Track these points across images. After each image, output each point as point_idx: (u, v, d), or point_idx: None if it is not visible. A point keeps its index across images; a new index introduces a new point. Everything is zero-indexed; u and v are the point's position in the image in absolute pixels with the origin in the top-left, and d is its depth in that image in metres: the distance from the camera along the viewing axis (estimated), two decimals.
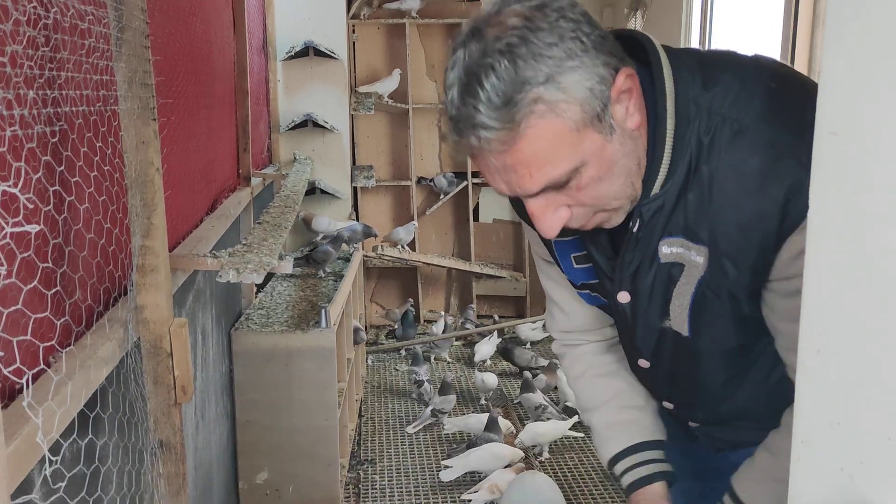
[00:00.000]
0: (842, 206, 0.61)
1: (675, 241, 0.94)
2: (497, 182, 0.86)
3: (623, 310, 1.04)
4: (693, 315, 0.98)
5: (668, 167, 0.90)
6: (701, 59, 0.94)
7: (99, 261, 1.11)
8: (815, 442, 0.64)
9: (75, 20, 0.94)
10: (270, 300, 2.99)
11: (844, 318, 0.61)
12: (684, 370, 1.08)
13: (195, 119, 2.02)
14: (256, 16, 3.56)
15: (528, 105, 0.78)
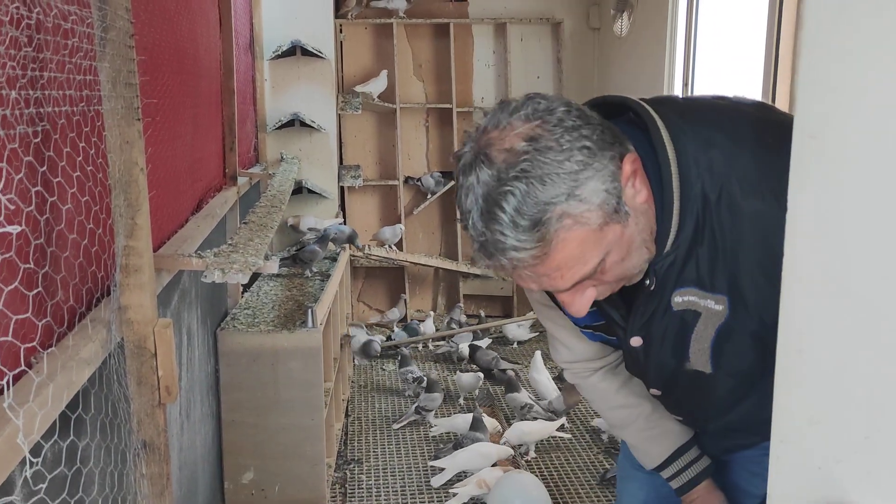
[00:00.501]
0: (820, 208, 0.61)
1: (687, 291, 0.97)
2: (528, 283, 0.91)
3: (635, 353, 1.08)
4: (714, 354, 1.01)
5: (678, 225, 0.94)
6: (689, 117, 0.96)
7: (82, 261, 1.10)
8: (794, 441, 0.65)
9: (58, 20, 0.94)
10: (257, 300, 2.98)
11: (823, 319, 0.61)
12: (697, 397, 1.13)
13: (181, 118, 2.01)
14: (243, 14, 3.55)
15: (556, 222, 0.83)
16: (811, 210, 0.62)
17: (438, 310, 4.89)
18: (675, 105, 1.00)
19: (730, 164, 0.91)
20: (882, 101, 0.54)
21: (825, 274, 0.61)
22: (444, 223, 4.89)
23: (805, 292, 0.64)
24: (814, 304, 0.62)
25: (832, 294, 0.60)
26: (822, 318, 0.62)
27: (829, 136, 0.60)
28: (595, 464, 3.06)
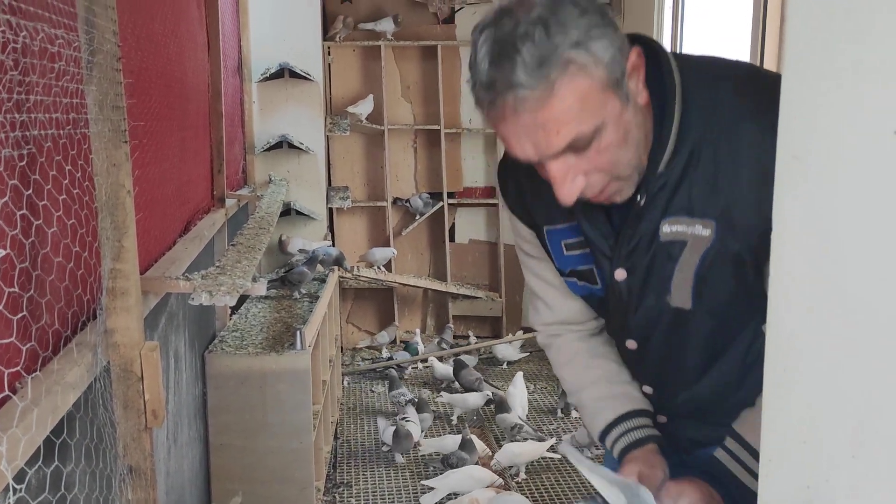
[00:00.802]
0: (805, 226, 0.62)
1: (676, 220, 0.99)
2: (523, 144, 0.91)
3: (619, 288, 1.08)
4: (696, 287, 1.02)
5: (674, 147, 0.97)
6: (696, 58, 1.04)
7: (67, 285, 1.09)
8: (782, 459, 0.65)
9: (45, 44, 0.94)
10: (245, 322, 2.97)
11: (810, 337, 0.62)
12: (670, 349, 1.12)
13: (168, 141, 2.01)
14: (231, 37, 3.56)
15: (562, 66, 0.86)
16: (797, 229, 0.63)
17: (428, 331, 4.88)
18: (683, 54, 1.07)
19: (732, 97, 0.97)
20: (865, 122, 0.55)
21: (811, 292, 0.62)
22: (433, 244, 4.89)
23: (792, 310, 0.64)
24: (800, 322, 0.63)
25: (818, 311, 0.61)
26: (809, 336, 0.62)
27: (812, 157, 0.61)
28: (585, 484, 3.05)
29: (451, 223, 4.84)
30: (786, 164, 0.64)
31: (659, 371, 1.17)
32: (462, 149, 4.82)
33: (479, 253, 4.92)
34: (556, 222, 1.10)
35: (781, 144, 0.64)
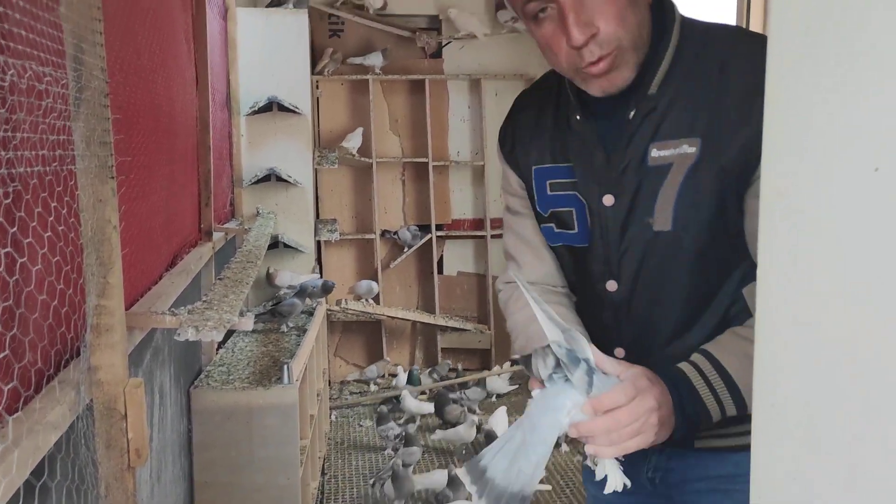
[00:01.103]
0: (791, 264, 0.62)
1: (664, 144, 1.04)
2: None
3: (605, 215, 1.10)
4: (677, 205, 1.04)
5: (667, 70, 1.04)
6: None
7: (51, 323, 1.08)
8: (772, 497, 0.65)
9: (33, 81, 0.94)
10: (231, 356, 2.94)
11: (796, 374, 0.62)
12: (650, 292, 1.11)
13: (156, 175, 2.00)
14: (220, 72, 3.58)
15: None
16: (782, 265, 0.63)
17: (416, 363, 4.85)
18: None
19: (726, 36, 1.07)
20: (847, 160, 0.56)
21: (798, 325, 0.62)
22: (421, 276, 4.89)
23: (779, 345, 0.64)
24: (786, 359, 0.63)
25: (804, 349, 0.61)
26: (795, 373, 0.62)
27: (796, 193, 0.61)
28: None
29: (439, 255, 4.85)
30: (770, 200, 0.65)
31: (636, 323, 1.14)
32: (450, 181, 4.84)
33: (468, 285, 4.92)
34: (546, 161, 1.17)
35: (765, 181, 0.65)
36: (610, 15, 0.98)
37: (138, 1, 1.85)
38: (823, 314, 0.59)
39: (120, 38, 1.60)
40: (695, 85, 1.03)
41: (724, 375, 1.02)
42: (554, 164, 1.16)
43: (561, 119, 1.16)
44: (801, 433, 0.62)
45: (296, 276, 4.00)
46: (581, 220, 1.14)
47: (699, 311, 1.09)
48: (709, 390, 1.02)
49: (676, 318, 1.10)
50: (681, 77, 1.04)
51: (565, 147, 1.15)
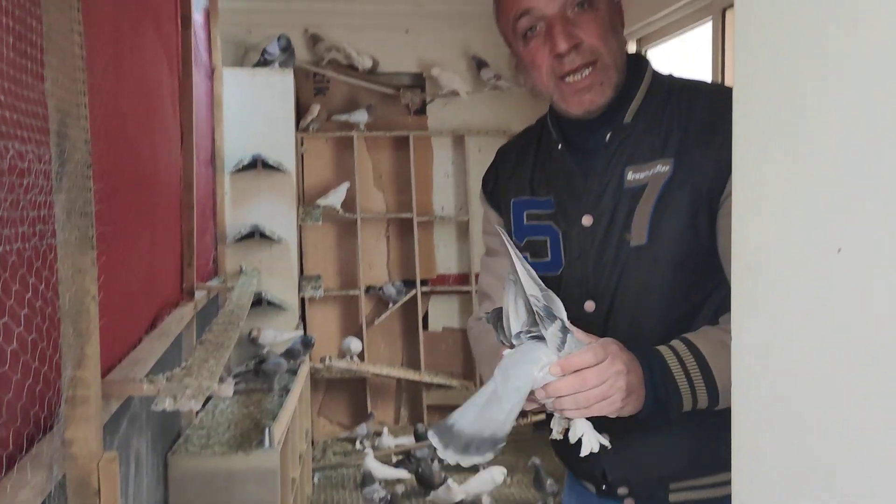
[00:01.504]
0: (762, 336, 0.63)
1: (639, 167, 1.13)
2: (536, 3, 1.10)
3: (583, 235, 1.17)
4: (653, 220, 1.11)
5: (640, 102, 1.16)
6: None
7: (25, 402, 1.05)
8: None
9: (15, 161, 0.94)
10: (211, 419, 2.88)
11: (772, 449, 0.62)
12: (628, 313, 1.13)
13: (137, 239, 1.99)
14: (205, 130, 3.61)
15: None
16: (754, 337, 0.64)
17: (401, 421, 4.78)
18: None
19: (693, 84, 1.20)
20: (811, 239, 0.57)
21: (771, 402, 0.62)
22: (406, 332, 4.85)
23: (752, 422, 0.64)
24: (761, 436, 0.63)
25: (778, 424, 0.61)
26: (771, 449, 0.62)
27: (764, 269, 0.62)
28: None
29: (424, 311, 4.83)
30: (740, 273, 0.66)
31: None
32: (434, 236, 4.86)
33: (453, 341, 4.89)
34: (525, 194, 1.25)
35: (735, 255, 0.66)
36: (593, 31, 1.11)
37: (125, 67, 1.87)
38: (795, 385, 0.59)
39: (106, 107, 1.61)
40: (665, 115, 1.15)
41: (699, 359, 1.03)
42: (532, 197, 1.25)
43: (542, 153, 1.27)
44: (781, 490, 0.61)
45: (280, 333, 3.96)
46: (554, 249, 1.20)
47: (677, 333, 1.10)
48: (682, 371, 1.02)
49: (654, 340, 1.10)
50: (653, 109, 1.16)
51: (546, 179, 1.24)
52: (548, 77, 1.14)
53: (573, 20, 1.10)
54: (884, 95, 0.49)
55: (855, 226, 0.52)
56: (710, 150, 1.08)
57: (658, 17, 3.37)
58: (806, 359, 0.58)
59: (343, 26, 4.62)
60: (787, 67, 0.59)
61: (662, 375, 1.01)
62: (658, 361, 1.02)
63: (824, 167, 0.55)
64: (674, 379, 1.01)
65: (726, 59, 2.92)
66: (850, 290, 0.53)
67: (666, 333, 1.10)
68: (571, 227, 1.18)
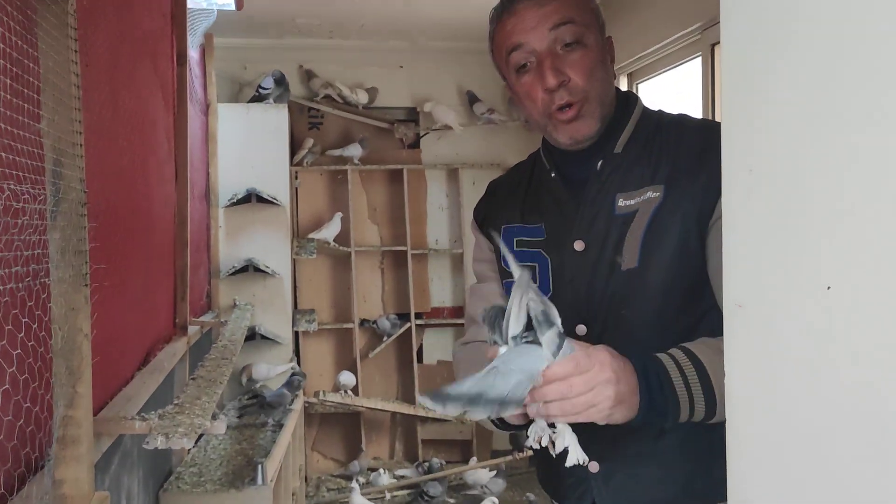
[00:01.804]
0: (752, 370, 0.63)
1: (630, 194, 1.16)
2: (525, 26, 1.16)
3: (575, 260, 1.19)
4: (644, 244, 1.13)
5: (631, 133, 1.21)
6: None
7: (16, 444, 1.04)
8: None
9: (10, 201, 0.94)
10: (204, 456, 2.85)
11: (766, 481, 0.61)
12: (619, 333, 1.14)
13: (131, 275, 1.99)
14: (200, 165, 3.62)
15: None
16: (746, 373, 0.64)
17: (396, 456, 4.73)
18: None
19: (681, 118, 1.24)
20: (801, 277, 0.57)
21: (764, 437, 0.62)
22: (401, 366, 4.83)
23: (747, 456, 0.64)
24: (756, 470, 0.63)
25: (772, 459, 0.61)
26: (766, 481, 0.62)
27: (754, 304, 0.63)
28: None
29: (418, 344, 4.81)
30: (731, 310, 0.66)
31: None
32: (429, 269, 4.86)
33: (448, 374, 4.86)
34: (516, 221, 1.29)
35: (727, 292, 0.67)
36: (580, 69, 1.15)
37: (121, 104, 1.88)
38: (788, 420, 0.59)
39: (101, 145, 1.62)
40: (655, 146, 1.19)
41: (699, 368, 1.02)
42: (523, 224, 1.28)
43: (534, 183, 1.31)
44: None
45: (273, 367, 3.94)
46: (543, 276, 1.23)
47: (669, 336, 1.11)
48: (681, 378, 1.02)
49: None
50: (643, 140, 1.20)
51: (537, 207, 1.27)
52: (540, 109, 1.19)
53: (562, 57, 1.15)
54: (870, 131, 0.50)
55: (845, 263, 0.53)
56: (699, 178, 1.12)
57: (649, 52, 3.42)
58: (797, 395, 0.58)
59: (337, 62, 4.67)
60: (774, 104, 0.60)
61: (660, 382, 1.01)
62: (656, 367, 1.02)
63: (813, 205, 0.56)
64: (672, 386, 1.01)
65: (716, 93, 2.96)
66: (841, 327, 0.54)
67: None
68: (564, 253, 1.21)
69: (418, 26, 4.33)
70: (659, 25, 3.27)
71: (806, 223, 0.57)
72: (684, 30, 3.07)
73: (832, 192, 0.54)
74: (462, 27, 4.28)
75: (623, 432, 1.06)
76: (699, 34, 3.01)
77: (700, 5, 2.94)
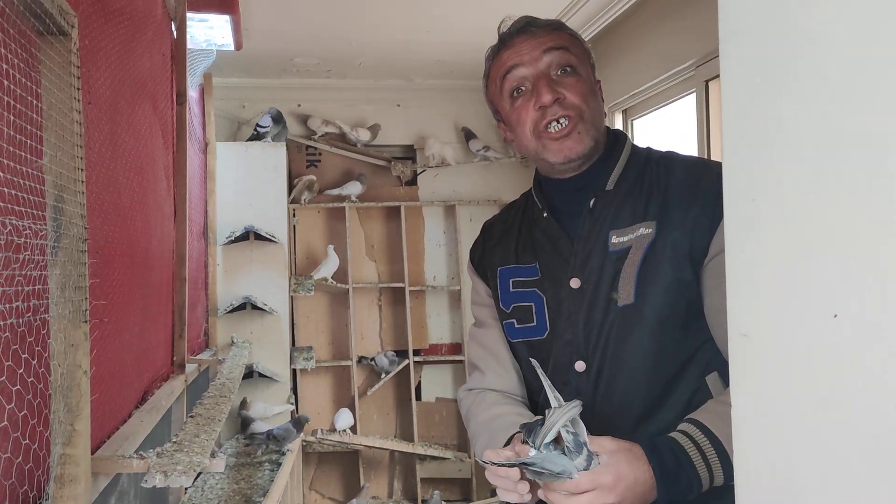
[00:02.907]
0: (758, 400, 0.63)
1: (623, 231, 1.18)
2: (521, 56, 1.20)
3: (572, 297, 1.21)
4: (639, 280, 1.15)
5: (621, 171, 1.23)
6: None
7: (13, 482, 1.03)
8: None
9: (11, 236, 0.94)
10: (201, 496, 2.81)
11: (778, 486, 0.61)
12: (616, 367, 1.16)
13: (129, 312, 1.98)
14: (198, 203, 3.64)
15: (563, 28, 1.25)
16: (752, 404, 0.64)
17: (395, 495, 4.66)
18: None
19: (669, 155, 1.26)
20: (807, 304, 0.57)
21: (771, 469, 0.61)
22: (399, 403, 4.79)
23: (753, 489, 0.63)
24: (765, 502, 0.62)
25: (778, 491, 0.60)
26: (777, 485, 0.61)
27: (758, 334, 0.63)
28: None
29: (416, 381, 4.78)
30: (736, 340, 0.66)
31: (605, 403, 1.17)
32: (427, 306, 4.85)
33: (447, 411, 4.82)
34: (510, 262, 1.31)
35: (731, 322, 0.66)
36: (575, 91, 1.19)
37: (121, 142, 1.90)
38: (795, 452, 0.59)
39: (101, 181, 1.63)
40: (646, 182, 1.21)
41: (716, 444, 1.03)
42: (517, 265, 1.30)
43: (527, 223, 1.33)
44: None
45: (269, 407, 3.90)
46: (539, 314, 1.25)
47: (665, 392, 1.15)
48: (701, 459, 1.03)
49: (644, 397, 1.15)
50: (633, 176, 1.22)
51: (531, 247, 1.29)
52: (531, 131, 1.21)
53: (557, 80, 1.20)
54: (874, 158, 0.51)
55: (851, 291, 0.53)
56: (690, 213, 1.14)
57: (643, 89, 3.47)
58: (804, 425, 0.58)
59: (335, 100, 4.73)
60: (777, 132, 0.60)
61: (678, 468, 1.02)
62: (672, 459, 1.02)
63: (818, 232, 0.56)
64: (695, 468, 1.02)
65: (711, 129, 2.99)
66: (848, 356, 0.53)
67: (654, 389, 1.15)
68: (560, 290, 1.23)
69: (415, 65, 4.39)
70: (653, 62, 3.32)
71: (810, 251, 0.57)
72: (678, 66, 3.11)
73: (837, 219, 0.54)
74: (458, 66, 4.34)
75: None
76: (693, 71, 3.05)
77: (694, 42, 2.99)
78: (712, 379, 1.15)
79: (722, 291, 1.09)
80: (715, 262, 1.12)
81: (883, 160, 0.50)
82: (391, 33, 3.75)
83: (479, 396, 1.32)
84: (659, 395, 1.16)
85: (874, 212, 0.51)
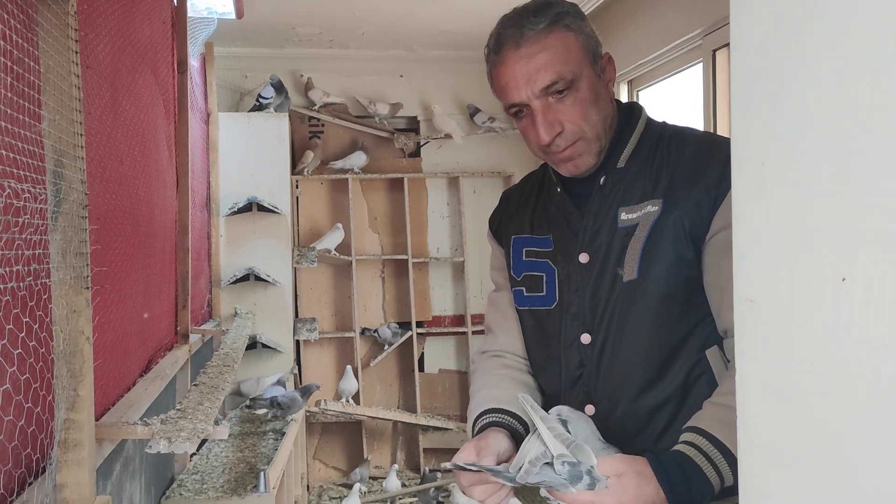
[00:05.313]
0: (764, 366, 0.62)
1: (631, 207, 1.20)
2: (518, 81, 1.17)
3: (580, 271, 1.24)
4: (643, 256, 1.17)
5: (633, 148, 1.23)
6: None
7: (17, 444, 1.04)
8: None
9: (10, 199, 0.94)
10: (206, 463, 2.83)
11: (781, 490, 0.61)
12: (620, 340, 1.20)
13: (132, 280, 1.98)
14: (201, 174, 3.62)
15: (557, 22, 1.17)
16: (758, 370, 0.63)
17: (398, 465, 4.71)
18: None
19: (682, 131, 1.26)
20: (816, 269, 0.56)
21: (776, 437, 0.61)
22: (402, 375, 4.81)
23: (758, 462, 0.63)
24: (769, 470, 0.62)
25: (783, 458, 0.60)
26: (778, 480, 0.61)
27: (766, 299, 0.62)
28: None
29: (419, 353, 4.79)
30: (742, 306, 0.65)
31: (608, 374, 1.21)
32: (430, 278, 4.85)
33: (449, 383, 4.85)
34: (525, 232, 1.34)
35: (738, 288, 0.65)
36: (574, 116, 1.18)
37: (122, 110, 1.88)
38: (802, 417, 0.58)
39: (102, 149, 1.62)
40: (656, 159, 1.22)
41: (723, 449, 1.04)
42: (532, 235, 1.33)
43: (543, 195, 1.35)
44: None
45: (262, 379, 3.90)
46: (550, 285, 1.28)
47: (665, 364, 1.19)
48: (710, 465, 1.03)
49: (645, 369, 1.19)
50: (644, 154, 1.23)
51: (546, 219, 1.32)
52: (539, 151, 1.24)
53: (554, 107, 1.17)
54: (887, 121, 0.50)
55: (859, 254, 0.52)
56: (694, 192, 1.16)
57: (650, 59, 3.43)
58: (812, 390, 0.57)
59: (338, 71, 4.69)
60: (789, 93, 0.59)
61: (687, 482, 1.02)
62: (680, 475, 1.02)
63: (826, 195, 0.55)
64: (706, 477, 1.03)
65: (718, 98, 2.96)
66: (857, 319, 0.53)
67: (655, 361, 1.19)
68: (570, 264, 1.26)
69: (418, 36, 4.34)
70: (659, 32, 3.27)
71: (819, 214, 0.56)
72: (685, 36, 3.07)
73: (847, 182, 0.53)
74: (462, 36, 4.29)
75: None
76: (700, 40, 3.01)
77: (700, 11, 2.95)
78: (712, 352, 1.18)
79: (720, 267, 1.12)
80: (716, 240, 1.14)
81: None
82: (394, 2, 3.70)
83: (487, 362, 1.36)
84: (660, 367, 1.19)
85: (885, 174, 0.50)
